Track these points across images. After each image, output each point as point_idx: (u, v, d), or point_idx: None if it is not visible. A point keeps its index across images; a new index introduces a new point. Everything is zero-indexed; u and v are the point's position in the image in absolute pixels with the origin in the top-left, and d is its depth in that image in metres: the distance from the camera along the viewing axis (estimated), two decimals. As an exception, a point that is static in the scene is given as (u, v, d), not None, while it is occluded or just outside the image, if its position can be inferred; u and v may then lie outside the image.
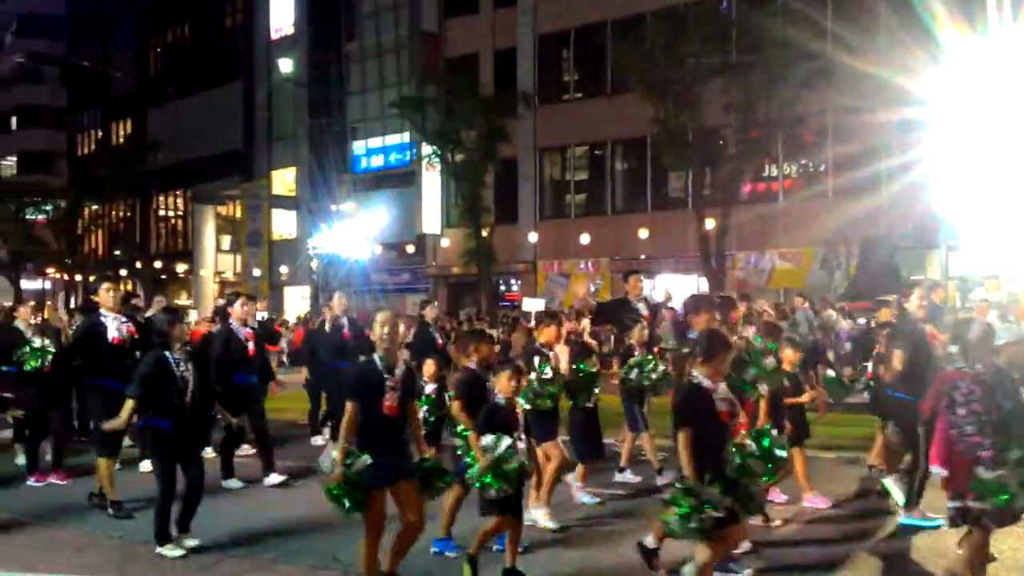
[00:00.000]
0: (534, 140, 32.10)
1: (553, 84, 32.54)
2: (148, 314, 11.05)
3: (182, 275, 47.09)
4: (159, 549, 6.75)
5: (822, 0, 24.38)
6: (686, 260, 27.47)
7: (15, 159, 61.74)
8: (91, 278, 47.79)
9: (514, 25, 32.63)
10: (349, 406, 5.54)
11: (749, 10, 24.80)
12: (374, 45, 37.22)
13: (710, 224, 24.51)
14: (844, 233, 24.01)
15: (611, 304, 9.42)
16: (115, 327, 8.34)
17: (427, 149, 31.19)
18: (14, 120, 62.56)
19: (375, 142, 37.54)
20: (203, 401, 7.21)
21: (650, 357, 8.88)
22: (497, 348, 12.84)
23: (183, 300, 42.54)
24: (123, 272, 49.23)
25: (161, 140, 46.42)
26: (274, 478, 9.17)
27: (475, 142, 29.21)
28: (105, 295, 8.48)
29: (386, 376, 5.59)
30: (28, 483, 9.27)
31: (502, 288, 33.32)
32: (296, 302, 39.46)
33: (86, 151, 55.72)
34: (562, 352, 7.93)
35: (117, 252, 50.99)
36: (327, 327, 11.52)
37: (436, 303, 13.65)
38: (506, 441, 5.74)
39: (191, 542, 6.88)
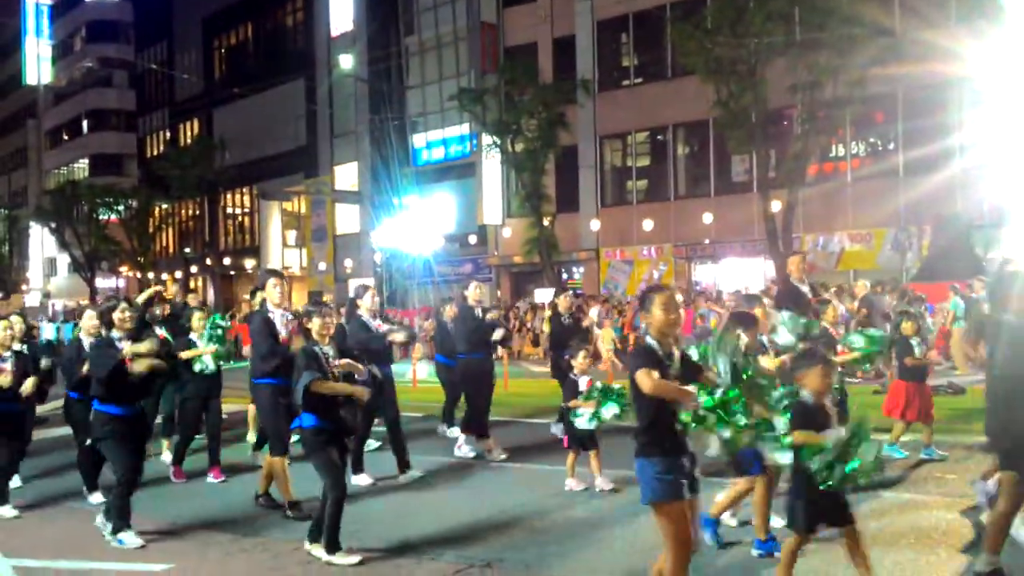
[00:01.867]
0: (594, 127, 31.93)
1: (613, 70, 32.34)
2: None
3: (250, 271, 47.98)
4: (329, 558, 6.24)
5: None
6: (751, 244, 27.10)
7: (87, 161, 63.58)
8: (163, 275, 49.09)
9: (572, 12, 32.48)
10: (655, 374, 4.43)
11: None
12: (433, 38, 37.41)
13: (776, 206, 24.07)
14: (915, 212, 23.41)
15: (788, 293, 8.95)
16: (281, 324, 7.79)
17: (487, 139, 31.25)
18: (85, 124, 64.46)
19: (435, 134, 37.75)
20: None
21: (856, 334, 8.33)
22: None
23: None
24: (193, 269, 50.50)
25: (227, 139, 47.37)
26: (363, 479, 8.80)
27: (535, 131, 29.15)
28: (272, 291, 7.91)
29: (668, 364, 4.56)
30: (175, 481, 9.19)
31: (564, 277, 33.24)
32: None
33: (155, 152, 57.01)
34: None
35: (187, 249, 52.19)
36: (448, 319, 11.20)
37: (569, 292, 12.88)
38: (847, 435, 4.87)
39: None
